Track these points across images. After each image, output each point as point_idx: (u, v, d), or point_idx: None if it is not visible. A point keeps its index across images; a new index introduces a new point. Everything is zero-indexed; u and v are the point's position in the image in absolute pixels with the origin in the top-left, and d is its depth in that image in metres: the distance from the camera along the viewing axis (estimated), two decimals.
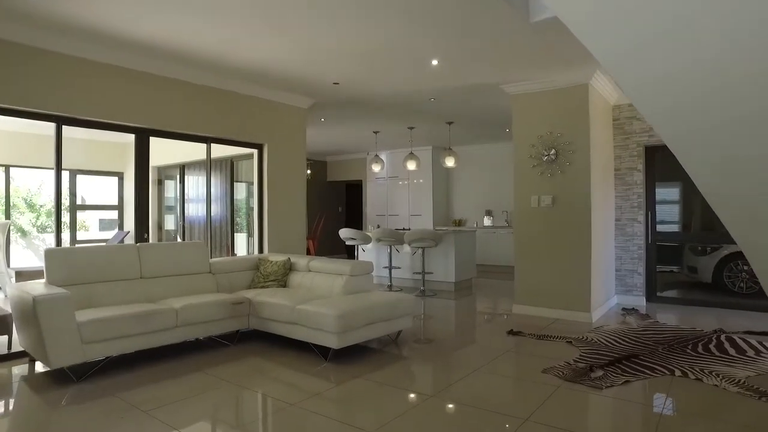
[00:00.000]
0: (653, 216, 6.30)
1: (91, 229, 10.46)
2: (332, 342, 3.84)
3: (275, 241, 6.17)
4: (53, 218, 4.62)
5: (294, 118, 6.45)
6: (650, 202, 6.30)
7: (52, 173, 4.43)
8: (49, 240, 10.09)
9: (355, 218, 13.31)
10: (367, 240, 7.87)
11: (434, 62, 4.96)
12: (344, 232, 7.98)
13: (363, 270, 4.74)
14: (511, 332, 4.85)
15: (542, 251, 5.62)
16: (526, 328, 5.03)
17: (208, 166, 5.79)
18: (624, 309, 5.90)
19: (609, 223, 6.18)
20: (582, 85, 5.36)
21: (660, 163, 6.31)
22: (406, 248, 7.63)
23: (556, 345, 4.43)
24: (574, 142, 5.42)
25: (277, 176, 6.23)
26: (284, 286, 5.09)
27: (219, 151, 7.10)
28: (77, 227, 9.65)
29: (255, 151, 6.16)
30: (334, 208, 13.14)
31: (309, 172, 11.08)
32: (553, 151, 5.53)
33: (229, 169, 7.43)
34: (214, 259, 5.14)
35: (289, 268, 5.17)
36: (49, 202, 10.24)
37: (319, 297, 4.47)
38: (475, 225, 10.57)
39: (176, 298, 4.28)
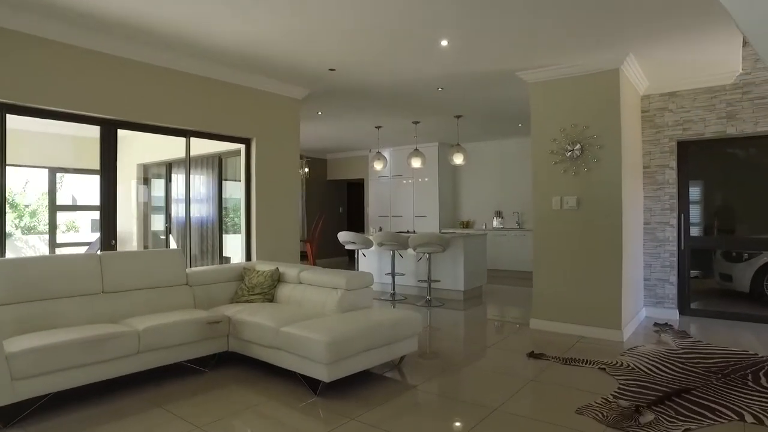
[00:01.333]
0: (687, 219, 5.63)
1: (81, 230, 9.90)
2: (321, 374, 3.20)
3: (265, 248, 5.54)
4: None
5: (286, 111, 5.81)
6: (683, 204, 5.62)
7: (35, 171, 3.81)
8: (33, 242, 9.49)
9: (357, 219, 12.67)
10: (367, 244, 7.23)
11: (443, 42, 4.31)
12: (343, 236, 7.34)
13: (361, 283, 4.10)
14: (531, 354, 4.21)
15: (565, 259, 4.96)
16: (548, 349, 4.38)
17: (187, 163, 5.16)
18: (656, 324, 5.24)
19: (638, 227, 5.52)
20: (612, 70, 4.69)
21: (693, 160, 5.64)
22: (411, 253, 6.99)
23: (587, 372, 3.78)
24: (602, 136, 4.76)
25: (266, 174, 5.59)
26: (271, 300, 4.46)
27: (207, 147, 6.48)
28: (67, 229, 9.08)
29: (242, 147, 5.53)
30: (335, 208, 12.51)
31: (307, 170, 10.47)
32: (578, 146, 4.88)
33: (218, 166, 6.81)
34: (191, 269, 4.51)
35: (277, 279, 4.53)
36: (35, 203, 9.61)
37: (309, 315, 3.84)
38: (484, 227, 9.92)
39: (142, 317, 3.65)
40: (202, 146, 6.64)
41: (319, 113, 7.27)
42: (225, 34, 4.14)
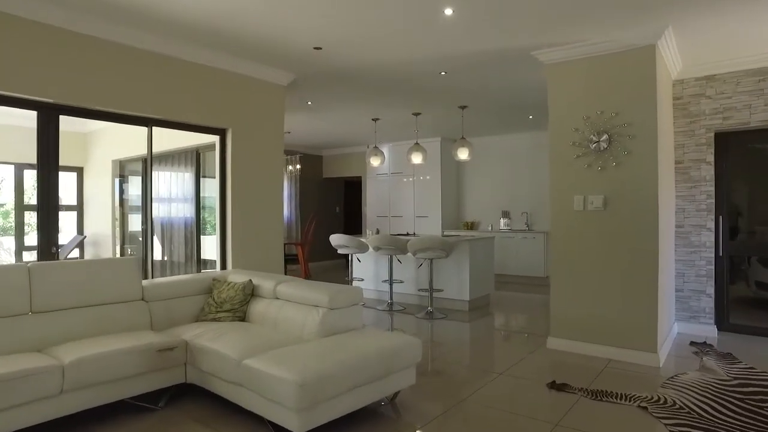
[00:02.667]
0: (725, 222, 4.91)
1: (65, 230, 9.24)
2: (292, 423, 2.50)
3: (242, 254, 4.84)
4: None
5: (268, 98, 5.11)
6: (722, 204, 4.90)
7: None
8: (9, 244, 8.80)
9: (354, 219, 11.97)
10: (362, 248, 6.53)
11: (447, 11, 3.60)
12: (335, 239, 6.64)
13: (347, 300, 3.39)
14: (553, 385, 3.50)
15: (589, 269, 4.25)
16: (571, 376, 3.67)
17: (148, 157, 4.48)
18: (694, 344, 4.53)
19: (670, 230, 4.81)
20: (647, 47, 3.98)
21: (735, 154, 4.92)
22: (410, 257, 6.28)
23: (624, 411, 3.07)
24: (634, 124, 4.05)
25: (245, 170, 4.89)
26: (242, 318, 3.76)
27: (182, 140, 5.80)
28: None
29: (216, 138, 4.83)
30: (331, 208, 11.81)
31: (299, 167, 9.78)
32: (604, 137, 4.16)
33: (195, 161, 6.12)
34: (149, 281, 3.81)
35: (250, 293, 3.83)
36: (9, 202, 8.92)
37: (282, 341, 3.13)
38: (490, 228, 9.21)
39: (77, 345, 2.96)
40: (177, 139, 5.95)
41: (309, 103, 6.57)
42: (192, 4, 3.44)
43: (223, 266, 4.81)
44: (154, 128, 4.40)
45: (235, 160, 4.81)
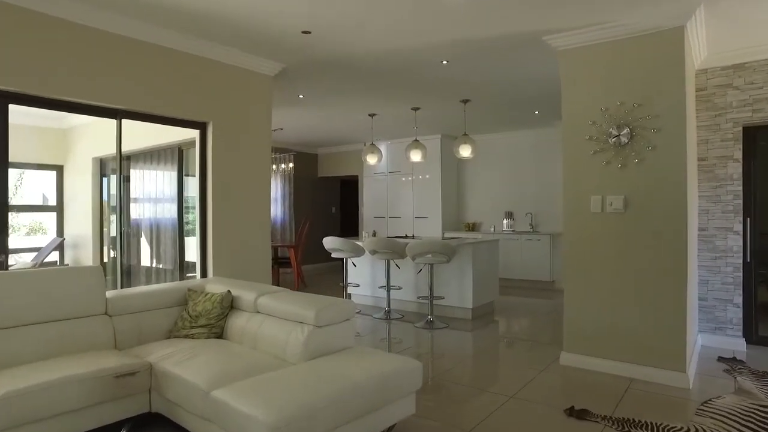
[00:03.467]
0: (755, 224, 4.49)
1: (49, 232, 8.82)
2: None
3: (225, 260, 4.41)
4: None
5: (254, 90, 4.68)
6: (750, 205, 4.48)
7: None
8: None
9: (351, 220, 11.55)
10: (358, 252, 6.10)
11: None
12: (329, 242, 6.21)
13: (336, 316, 2.96)
14: (572, 412, 3.07)
15: (608, 276, 3.83)
16: (591, 399, 3.25)
17: (118, 153, 4.05)
18: (723, 360, 4.11)
19: (693, 234, 4.38)
20: (675, 29, 3.55)
21: (764, 149, 4.50)
22: (409, 262, 5.85)
23: None
24: (660, 116, 3.62)
25: (228, 168, 4.46)
26: (219, 335, 3.33)
27: (163, 136, 5.40)
28: (31, 231, 8.02)
29: (196, 133, 4.40)
30: (326, 208, 11.37)
31: (292, 165, 9.33)
32: (625, 131, 3.74)
33: (177, 159, 5.68)
34: (115, 293, 3.37)
35: (228, 305, 3.40)
36: None
37: (261, 365, 2.70)
38: (492, 229, 8.78)
39: (20, 371, 2.53)
40: (158, 135, 5.54)
41: (301, 97, 6.14)
42: None
43: (204, 274, 4.37)
44: (125, 121, 3.98)
45: (217, 156, 4.38)
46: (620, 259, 3.77)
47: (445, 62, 4.76)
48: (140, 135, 5.89)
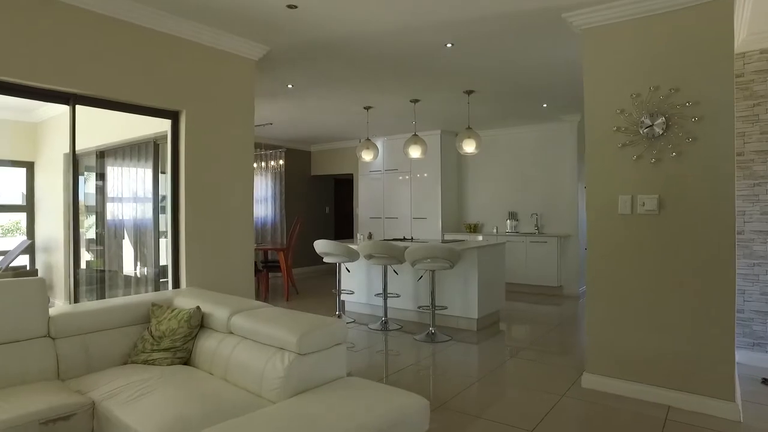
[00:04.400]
0: None
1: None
2: None
3: (200, 268, 3.88)
4: None
5: (235, 75, 4.15)
6: None
7: None
8: None
9: (346, 220, 11.02)
10: (352, 256, 5.58)
11: None
12: (320, 246, 5.69)
13: (323, 341, 2.43)
14: None
15: (639, 288, 3.33)
16: None
17: (71, 145, 3.50)
18: (767, 381, 3.62)
19: None
20: (722, 0, 3.05)
21: None
22: (408, 267, 5.34)
23: None
24: (701, 103, 3.12)
25: (204, 163, 3.93)
26: (186, 360, 2.80)
27: (138, 128, 4.88)
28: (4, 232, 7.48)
29: (167, 124, 3.86)
30: (320, 208, 10.84)
31: (282, 162, 8.80)
32: (660, 120, 3.23)
33: (152, 154, 5.15)
34: (61, 309, 2.84)
35: (198, 324, 2.87)
36: None
37: (230, 405, 2.18)
38: (495, 231, 8.28)
39: None
40: (132, 128, 5.03)
41: (290, 86, 5.61)
42: None
43: (176, 283, 3.84)
44: (93, 112, 3.45)
45: (191, 150, 3.85)
46: (654, 269, 3.27)
47: (449, 45, 4.24)
48: (114, 128, 5.35)
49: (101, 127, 5.37)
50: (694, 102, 3.12)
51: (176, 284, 3.83)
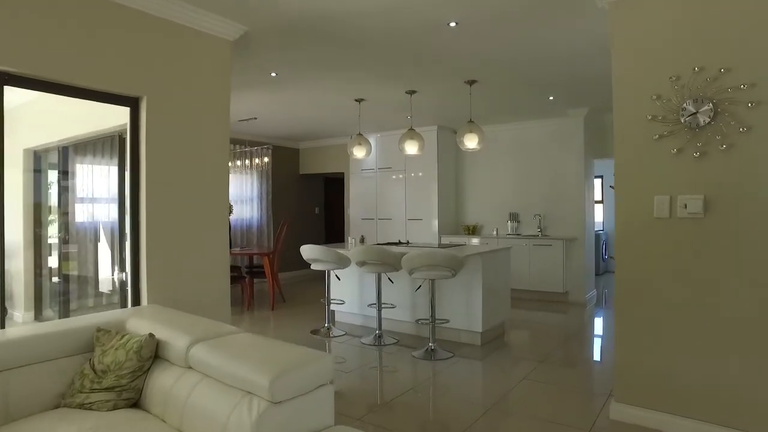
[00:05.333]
0: None
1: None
2: None
3: (165, 281, 3.33)
4: None
5: (207, 57, 3.61)
6: None
7: None
8: None
9: (337, 221, 10.48)
10: (342, 262, 5.06)
11: None
12: (307, 251, 5.16)
13: (302, 383, 1.90)
14: None
15: (680, 304, 2.83)
16: None
17: None
18: None
19: None
20: None
21: None
22: (404, 274, 4.82)
23: None
24: (758, 85, 2.62)
25: (169, 157, 3.38)
26: (134, 403, 2.26)
27: (105, 119, 4.32)
28: None
29: (125, 112, 3.31)
30: (309, 209, 10.30)
31: (267, 160, 8.25)
32: (706, 106, 2.73)
33: (117, 149, 4.59)
34: None
35: (151, 356, 2.33)
36: None
37: None
38: (495, 233, 7.78)
39: None
40: (97, 119, 4.46)
41: (274, 75, 5.06)
42: None
43: (136, 299, 3.28)
44: (44, 98, 2.91)
45: (155, 142, 3.30)
46: (698, 283, 2.77)
47: (453, 24, 3.72)
48: (76, 120, 4.78)
49: (63, 119, 4.81)
50: (749, 84, 2.63)
51: (136, 300, 3.27)
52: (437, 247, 5.35)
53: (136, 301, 3.27)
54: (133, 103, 3.28)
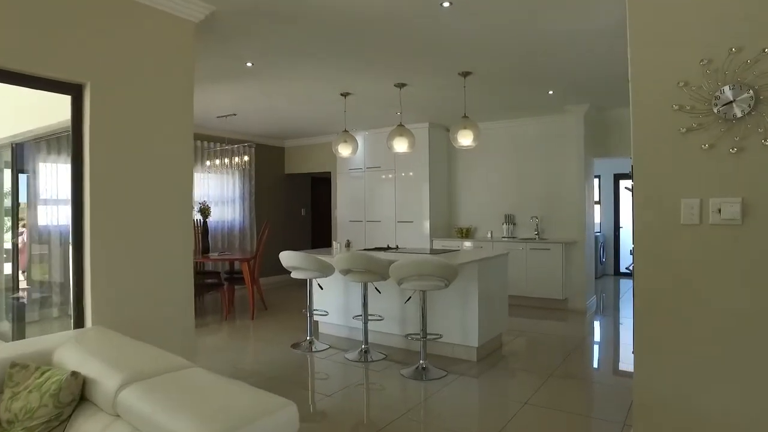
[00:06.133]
0: None
1: None
2: None
3: (114, 297, 2.86)
4: None
5: (167, 40, 3.15)
6: None
7: None
8: None
9: (325, 223, 10.03)
10: (325, 270, 4.62)
11: None
12: (285, 258, 4.72)
13: None
14: None
15: (713, 326, 2.42)
16: None
17: None
18: None
19: None
20: None
21: None
22: (393, 283, 4.38)
23: None
24: None
25: (120, 152, 2.92)
26: None
27: (54, 112, 3.82)
28: None
29: (66, 101, 2.85)
30: (295, 210, 9.84)
31: (246, 158, 7.82)
32: (745, 94, 2.32)
33: (71, 145, 4.11)
34: None
35: (71, 399, 1.87)
36: None
37: None
38: (489, 235, 7.38)
39: None
40: (51, 112, 3.98)
41: (250, 65, 4.61)
42: None
43: (79, 320, 2.82)
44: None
45: (100, 134, 2.84)
46: (736, 300, 2.37)
47: (446, 4, 3.29)
48: (29, 114, 4.31)
49: (14, 113, 4.34)
50: None
51: (79, 320, 2.81)
52: (429, 253, 4.92)
53: (79, 322, 2.81)
54: (75, 91, 2.82)
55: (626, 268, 9.81)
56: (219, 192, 8.23)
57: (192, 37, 3.31)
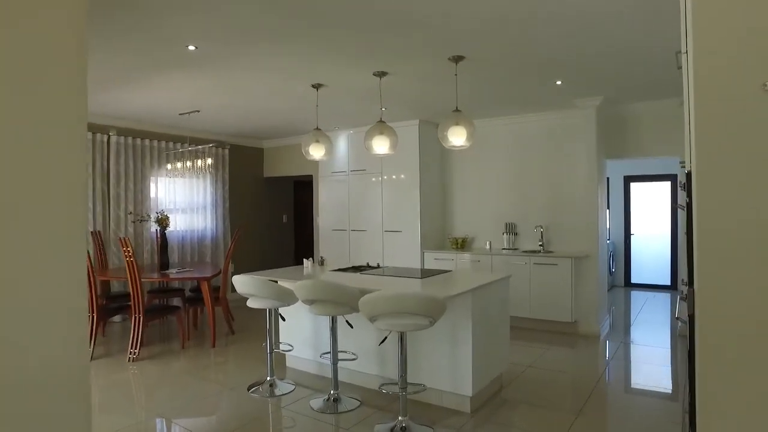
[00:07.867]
0: None
1: None
2: None
3: None
4: None
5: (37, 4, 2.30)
6: None
7: None
8: None
9: (310, 231, 9.17)
10: (286, 298, 3.77)
11: None
12: (239, 283, 3.87)
13: None
14: None
15: None
16: None
17: None
18: None
19: None
20: None
21: None
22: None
23: None
24: None
25: None
26: None
27: None
28: None
29: None
30: (276, 217, 9.00)
31: (210, 160, 6.95)
32: None
33: None
34: None
35: None
36: None
37: None
38: (488, 246, 6.54)
39: None
40: None
41: (192, 48, 3.77)
42: None
43: None
44: None
45: None
46: None
47: None
48: None
49: None
50: None
51: None
52: (417, 276, 4.07)
53: None
54: None
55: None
56: (187, 198, 7.39)
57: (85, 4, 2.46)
